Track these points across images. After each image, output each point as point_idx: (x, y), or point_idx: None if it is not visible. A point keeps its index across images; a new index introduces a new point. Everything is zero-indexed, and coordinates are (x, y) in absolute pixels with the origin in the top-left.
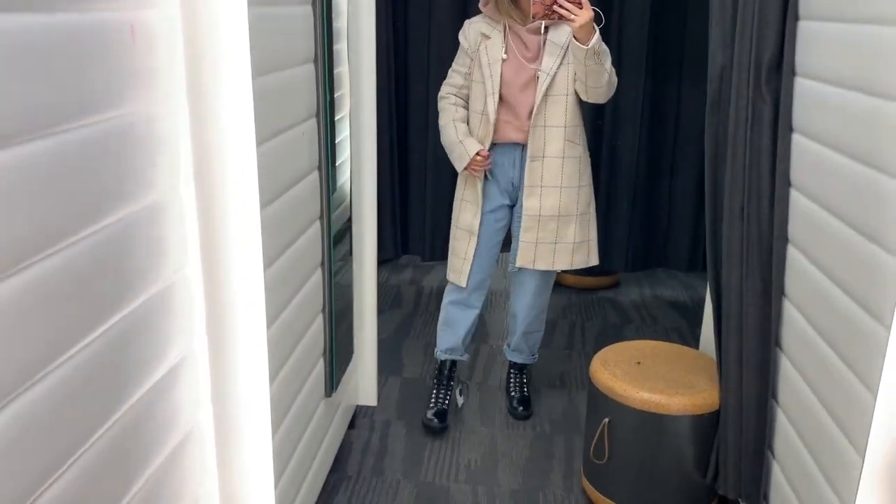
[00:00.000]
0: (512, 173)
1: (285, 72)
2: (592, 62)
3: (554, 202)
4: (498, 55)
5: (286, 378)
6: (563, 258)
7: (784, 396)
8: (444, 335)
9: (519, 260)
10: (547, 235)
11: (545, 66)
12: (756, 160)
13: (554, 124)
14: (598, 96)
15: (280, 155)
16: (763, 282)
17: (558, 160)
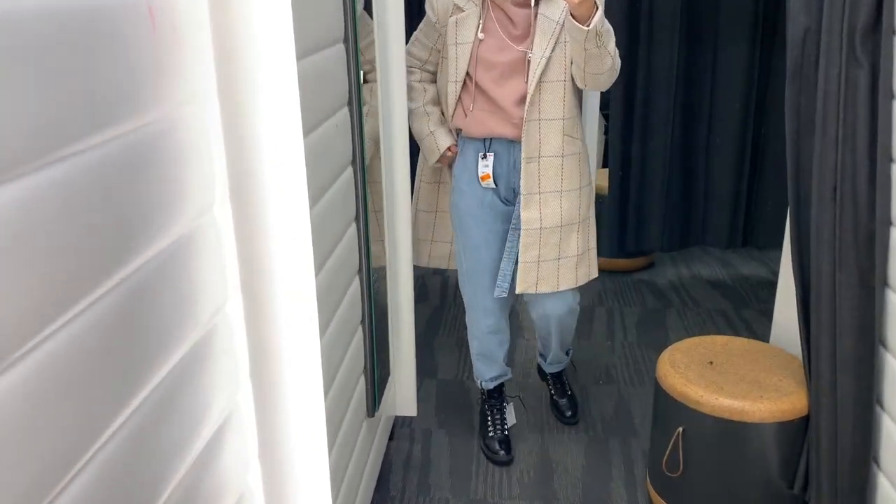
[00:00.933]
0: (513, 178)
1: (321, 53)
2: (593, 45)
3: (555, 210)
4: (470, 34)
5: (331, 409)
6: (567, 276)
7: (893, 402)
8: (483, 366)
9: (519, 284)
10: (549, 251)
11: (538, 47)
12: (850, 133)
13: (550, 117)
14: (599, 84)
15: (317, 153)
16: (861, 272)
17: (557, 160)
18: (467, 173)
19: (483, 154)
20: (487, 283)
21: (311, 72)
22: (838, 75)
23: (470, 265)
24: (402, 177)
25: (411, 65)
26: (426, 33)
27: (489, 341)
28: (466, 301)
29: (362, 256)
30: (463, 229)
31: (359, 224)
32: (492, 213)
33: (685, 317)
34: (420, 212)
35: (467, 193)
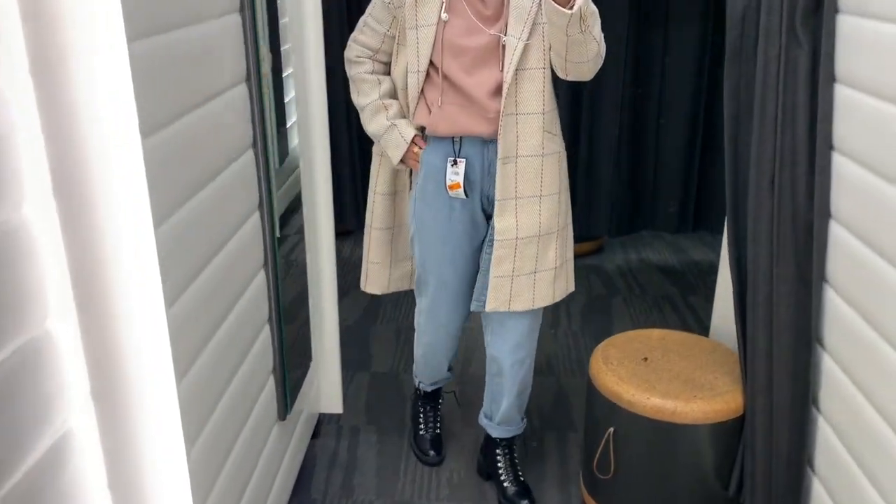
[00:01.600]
0: (488, 184)
1: (187, 30)
2: (577, 30)
3: (532, 218)
4: (433, 15)
5: (221, 420)
6: (544, 291)
7: (828, 403)
8: (425, 371)
9: (490, 302)
10: (525, 264)
11: (513, 30)
12: (790, 119)
13: (529, 110)
14: (582, 73)
15: (187, 142)
16: (798, 266)
17: (536, 160)
18: (433, 181)
19: (453, 160)
20: (451, 305)
21: (166, 52)
22: (778, 56)
23: (432, 286)
24: (320, 134)
25: (360, 55)
26: (377, 17)
27: (439, 356)
28: (423, 312)
29: (268, 249)
30: (426, 245)
31: (262, 214)
32: (460, 228)
33: (631, 304)
34: (375, 230)
35: (433, 205)
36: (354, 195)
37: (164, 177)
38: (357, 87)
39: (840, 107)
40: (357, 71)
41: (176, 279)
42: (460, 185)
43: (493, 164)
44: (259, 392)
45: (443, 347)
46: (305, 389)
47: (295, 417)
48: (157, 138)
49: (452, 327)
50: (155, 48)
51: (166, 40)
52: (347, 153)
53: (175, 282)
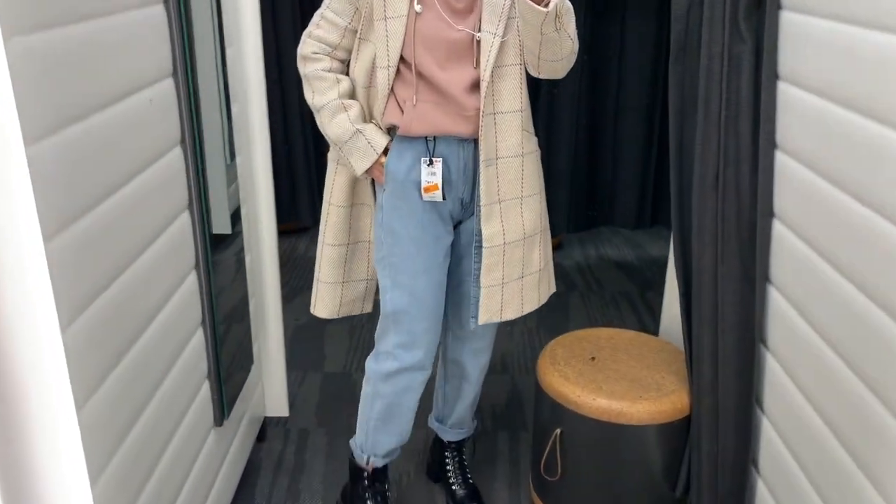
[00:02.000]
0: (462, 186)
1: (92, 23)
2: (552, 28)
3: (517, 221)
4: (403, 6)
5: (158, 418)
6: (531, 295)
7: (771, 404)
8: (383, 436)
9: (483, 314)
10: (512, 270)
11: (487, 25)
12: (734, 116)
13: (507, 109)
14: (555, 71)
15: (95, 144)
16: (743, 265)
17: (516, 160)
18: (403, 185)
19: (428, 160)
20: (425, 327)
21: (66, 46)
22: (721, 53)
23: (402, 303)
24: (262, 149)
25: (316, 51)
26: (337, 10)
27: (408, 404)
28: (387, 350)
29: (199, 249)
30: (398, 258)
31: (192, 213)
32: (433, 236)
33: (588, 301)
34: (328, 246)
35: (404, 211)
36: (310, 190)
37: (61, 184)
38: (312, 85)
39: (783, 105)
40: (313, 68)
41: (78, 294)
42: (438, 186)
43: (470, 165)
44: (192, 399)
45: (416, 391)
46: (248, 393)
47: (235, 422)
48: (50, 142)
49: (429, 358)
50: (46, 44)
51: (63, 35)
52: (302, 144)
53: (77, 297)
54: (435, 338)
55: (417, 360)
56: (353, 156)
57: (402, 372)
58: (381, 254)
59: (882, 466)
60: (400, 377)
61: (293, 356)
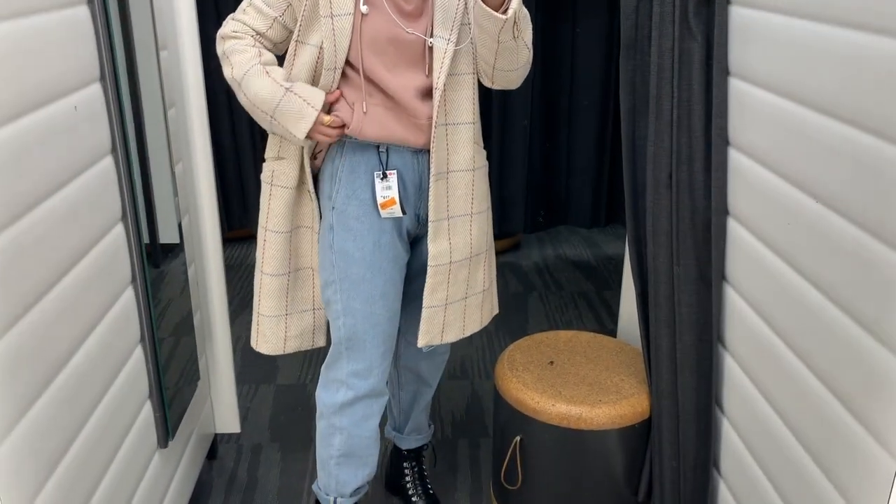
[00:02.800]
0: (418, 201)
1: (8, 24)
2: (509, 37)
3: (465, 239)
4: (348, 4)
5: (77, 462)
6: (473, 317)
7: (731, 405)
8: (348, 472)
9: (423, 335)
10: (457, 290)
11: (440, 30)
12: (686, 113)
13: (460, 120)
14: (510, 81)
15: (14, 152)
16: (699, 265)
17: (467, 174)
18: (356, 201)
19: (381, 173)
20: (382, 351)
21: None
22: (671, 48)
23: (357, 329)
24: (204, 157)
25: (237, 30)
26: (268, 1)
27: (369, 434)
28: (340, 379)
29: (135, 261)
30: (352, 282)
31: (127, 224)
32: (391, 255)
33: (547, 301)
34: (268, 276)
35: (359, 232)
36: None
37: None
38: (232, 59)
39: (735, 101)
40: (232, 44)
41: (4, 309)
42: (395, 200)
43: (425, 178)
44: (132, 420)
45: (375, 418)
46: (195, 410)
47: (182, 441)
48: None
49: (381, 384)
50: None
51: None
52: (249, 148)
53: (2, 313)
54: (389, 362)
55: (372, 388)
56: (289, 121)
57: (358, 401)
58: (332, 277)
59: (841, 466)
60: (356, 407)
61: (245, 369)
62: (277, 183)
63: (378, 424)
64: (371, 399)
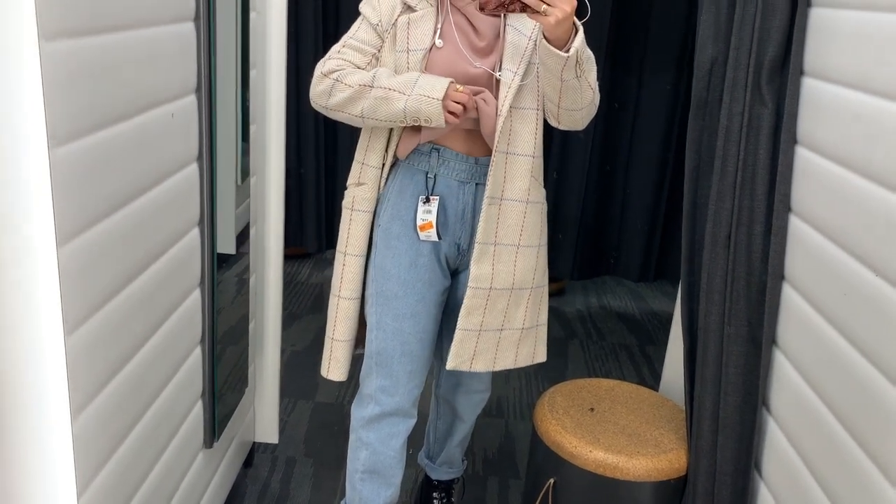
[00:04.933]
0: (459, 230)
1: (124, 34)
2: (572, 75)
3: (508, 268)
4: (425, 40)
5: (134, 447)
6: (506, 353)
7: (770, 469)
8: (371, 488)
9: (452, 358)
10: (494, 319)
11: (508, 65)
12: (750, 177)
13: (520, 152)
14: (575, 122)
15: (118, 151)
16: (750, 327)
17: (520, 205)
18: (399, 222)
19: (425, 197)
20: (409, 371)
21: (96, 57)
22: (742, 113)
23: (387, 345)
24: (276, 150)
25: (341, 65)
26: (364, 39)
27: (393, 453)
28: (369, 393)
29: (205, 265)
30: (385, 298)
31: (203, 230)
32: (426, 277)
33: (588, 349)
34: (345, 300)
35: (398, 250)
36: (317, 216)
37: (79, 190)
38: (347, 80)
39: (800, 169)
40: (339, 73)
41: (86, 299)
42: (433, 224)
43: (469, 208)
44: (184, 417)
45: (399, 442)
46: (239, 416)
47: (224, 445)
48: (72, 147)
49: (410, 405)
50: (78, 51)
51: (95, 43)
52: (314, 171)
53: (83, 304)
54: (419, 384)
55: (399, 406)
56: (426, 88)
57: (385, 417)
58: (370, 292)
59: None
60: (383, 423)
61: (286, 383)
62: (357, 208)
63: (403, 445)
64: (397, 417)
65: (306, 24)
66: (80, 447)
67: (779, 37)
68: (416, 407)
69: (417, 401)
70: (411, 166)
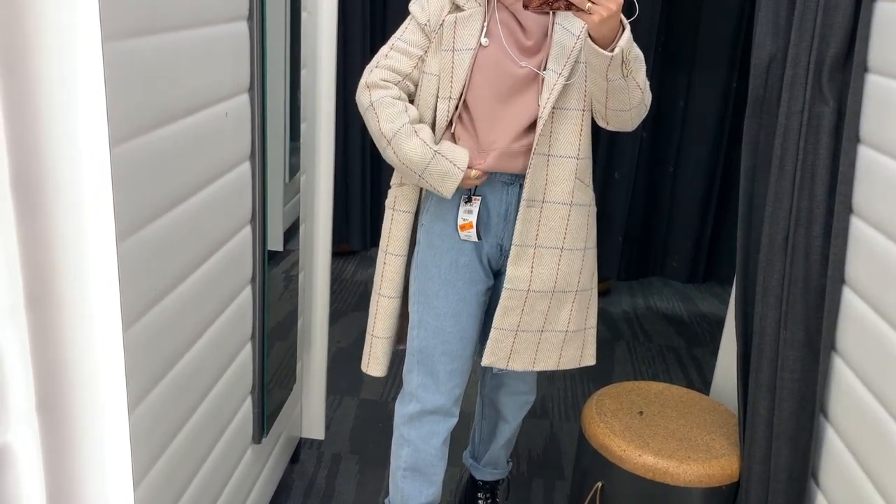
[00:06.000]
0: (501, 231)
1: (180, 34)
2: (618, 75)
3: (550, 271)
4: (472, 39)
5: (197, 432)
6: (548, 355)
7: (828, 479)
8: (413, 486)
9: (487, 355)
10: (533, 320)
11: (553, 64)
12: (809, 177)
13: (562, 153)
14: (623, 123)
15: (172, 150)
16: (807, 332)
17: (563, 208)
18: (441, 222)
19: (467, 197)
20: (449, 370)
21: (157, 55)
22: (801, 111)
23: (428, 343)
24: (326, 150)
25: (386, 79)
26: (412, 41)
27: (434, 451)
28: (411, 391)
29: (257, 262)
30: (426, 296)
31: (254, 228)
32: (467, 276)
33: (634, 351)
34: (384, 298)
35: (440, 249)
36: (362, 214)
37: (138, 187)
38: (380, 113)
39: (862, 169)
40: (380, 95)
41: (143, 295)
42: (473, 224)
43: (512, 209)
44: (234, 412)
45: (440, 440)
46: (287, 412)
47: (273, 440)
48: (133, 145)
49: (452, 404)
50: (139, 50)
51: (154, 43)
52: (359, 169)
53: (140, 299)
54: (460, 383)
55: (440, 405)
56: (436, 180)
57: (426, 415)
58: (413, 290)
59: None
60: (424, 421)
61: (331, 380)
62: (399, 208)
63: (444, 444)
64: (438, 416)
65: (354, 24)
66: (136, 440)
67: (841, 32)
68: (457, 406)
69: (459, 400)
70: None
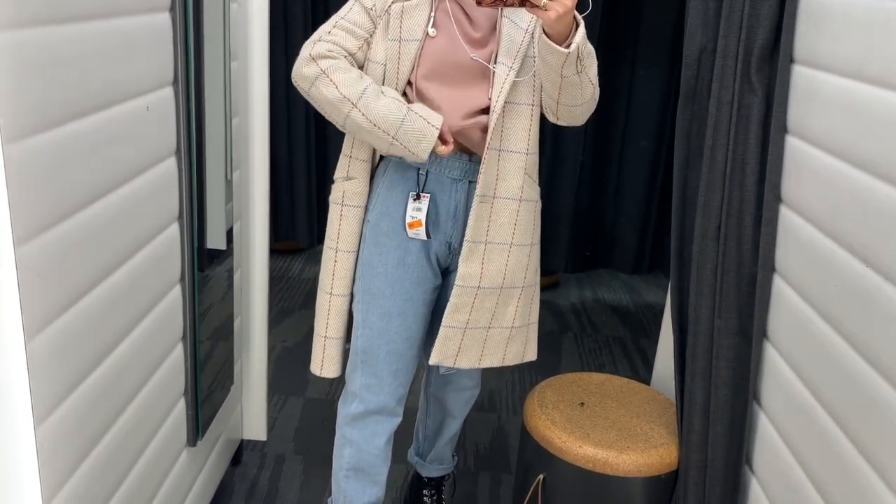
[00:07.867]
0: (451, 228)
1: (93, 24)
2: (573, 71)
3: (499, 267)
4: (418, 30)
5: (111, 447)
6: (494, 351)
7: (761, 463)
8: (356, 486)
9: (435, 354)
10: (481, 317)
11: (504, 58)
12: (739, 167)
13: (512, 148)
14: (574, 117)
15: (86, 146)
16: (741, 320)
17: (513, 203)
18: (388, 218)
19: (416, 194)
20: (394, 370)
21: (53, 47)
22: (731, 102)
23: (372, 343)
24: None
25: (332, 50)
26: (357, 22)
27: (377, 451)
28: (354, 391)
29: (185, 262)
30: (372, 295)
31: (182, 224)
32: (415, 275)
33: (582, 343)
34: (338, 297)
35: (386, 247)
36: (308, 210)
37: (40, 187)
38: (336, 77)
39: (791, 159)
40: (329, 63)
41: (49, 302)
42: (422, 222)
43: (461, 206)
44: (166, 415)
45: (384, 440)
46: (226, 413)
47: (210, 443)
48: (31, 143)
49: (396, 404)
50: (38, 41)
51: (59, 33)
52: (304, 163)
53: (47, 305)
54: (404, 383)
55: (383, 404)
56: (411, 141)
57: (369, 415)
58: (357, 288)
59: None
60: (367, 421)
61: (276, 379)
62: (349, 203)
63: (387, 444)
64: (382, 416)
65: (295, 12)
66: (45, 454)
67: (768, 23)
68: (401, 405)
69: (404, 399)
70: (402, 162)
